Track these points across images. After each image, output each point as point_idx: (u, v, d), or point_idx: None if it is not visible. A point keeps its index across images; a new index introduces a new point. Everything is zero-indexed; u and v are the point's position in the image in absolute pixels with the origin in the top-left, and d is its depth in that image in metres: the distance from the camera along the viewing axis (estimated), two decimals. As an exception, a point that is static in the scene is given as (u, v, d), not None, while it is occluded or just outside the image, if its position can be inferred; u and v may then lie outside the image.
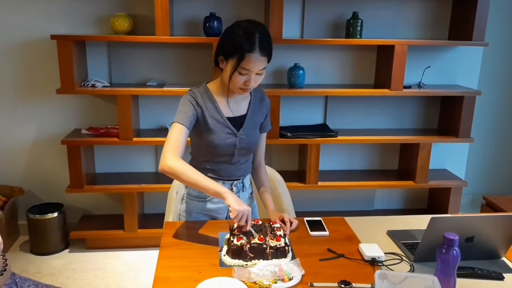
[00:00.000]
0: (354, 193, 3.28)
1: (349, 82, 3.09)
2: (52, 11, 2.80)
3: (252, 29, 1.57)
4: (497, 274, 1.40)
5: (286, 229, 1.61)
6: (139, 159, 3.11)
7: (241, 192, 1.81)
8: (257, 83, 1.63)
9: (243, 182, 1.82)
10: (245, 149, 1.75)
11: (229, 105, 1.72)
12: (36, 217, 2.91)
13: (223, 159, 1.73)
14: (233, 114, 1.72)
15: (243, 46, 1.54)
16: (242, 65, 1.56)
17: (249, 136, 1.74)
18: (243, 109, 1.75)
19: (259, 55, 1.56)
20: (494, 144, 3.56)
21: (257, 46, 1.54)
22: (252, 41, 1.54)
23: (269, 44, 1.60)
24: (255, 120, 1.76)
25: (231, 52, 1.57)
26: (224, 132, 1.69)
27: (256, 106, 1.77)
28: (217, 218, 1.80)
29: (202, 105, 1.68)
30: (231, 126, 1.70)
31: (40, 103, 2.96)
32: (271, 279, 1.33)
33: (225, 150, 1.70)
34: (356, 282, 1.34)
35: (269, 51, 1.60)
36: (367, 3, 2.94)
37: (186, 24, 2.89)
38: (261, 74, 1.62)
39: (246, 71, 1.58)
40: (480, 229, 1.43)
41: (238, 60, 1.55)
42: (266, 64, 1.61)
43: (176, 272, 1.40)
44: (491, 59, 3.30)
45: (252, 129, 1.75)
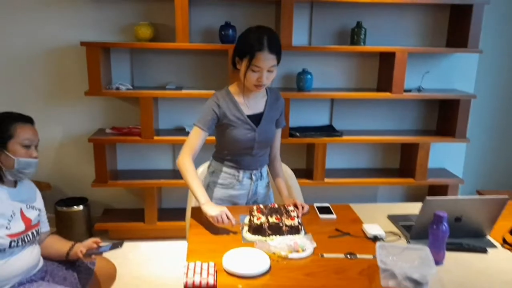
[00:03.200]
0: (358, 190, 3.50)
1: (353, 86, 3.32)
2: (80, 20, 3.04)
3: (261, 32, 1.81)
4: (482, 248, 1.62)
5: (299, 213, 1.83)
6: (158, 157, 3.34)
7: (259, 181, 2.04)
8: (269, 80, 1.85)
9: (261, 172, 2.05)
10: (263, 143, 1.98)
11: (248, 104, 1.95)
12: (63, 209, 3.14)
13: (244, 152, 1.96)
14: (252, 112, 1.95)
15: (253, 46, 1.78)
16: (254, 63, 1.79)
17: (266, 131, 1.96)
18: (260, 107, 1.98)
19: (268, 53, 1.78)
20: (490, 144, 3.76)
21: (266, 46, 1.78)
22: (261, 42, 1.78)
23: (277, 44, 1.83)
24: (271, 117, 1.99)
25: (244, 52, 1.81)
26: (244, 128, 1.92)
27: (272, 104, 2.00)
28: (238, 204, 2.04)
29: (224, 106, 1.92)
30: (250, 122, 1.93)
31: (67, 105, 3.19)
32: (287, 250, 1.55)
33: (246, 144, 1.93)
34: (360, 254, 1.57)
35: (277, 49, 1.82)
36: (370, 13, 3.17)
37: (203, 32, 3.13)
38: (272, 72, 1.83)
39: (258, 68, 1.80)
40: (468, 210, 1.65)
41: (250, 58, 1.79)
42: (276, 62, 1.83)
43: (205, 245, 1.62)
44: (486, 65, 3.52)
45: (269, 124, 1.98)
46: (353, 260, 1.54)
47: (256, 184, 2.04)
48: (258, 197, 2.09)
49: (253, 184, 2.03)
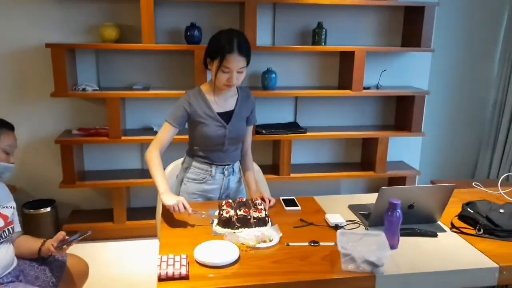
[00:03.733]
0: (323, 183, 3.64)
1: (316, 84, 3.45)
2: (45, 21, 3.03)
3: (232, 34, 1.91)
4: (432, 232, 1.77)
5: (266, 206, 1.93)
6: (126, 157, 3.37)
7: (231, 176, 2.13)
8: (239, 80, 1.95)
9: (233, 168, 2.14)
10: (234, 139, 2.07)
11: (219, 102, 2.04)
12: (30, 212, 3.12)
13: (215, 148, 2.05)
14: (222, 109, 2.04)
15: (224, 48, 1.87)
16: (224, 64, 1.88)
17: (237, 128, 2.06)
18: (231, 105, 2.07)
19: (238, 55, 1.88)
20: (443, 137, 4.00)
21: (236, 48, 1.87)
22: (231, 44, 1.87)
23: (247, 46, 1.92)
24: (242, 114, 2.09)
25: (215, 53, 1.90)
26: (215, 125, 2.01)
27: (242, 102, 2.09)
28: (211, 198, 2.12)
29: (195, 104, 2.00)
30: (221, 119, 2.02)
31: (32, 106, 3.17)
32: (255, 241, 1.65)
33: (217, 140, 2.02)
34: (323, 241, 1.68)
35: (246, 52, 1.91)
36: (330, 14, 3.31)
37: (169, 33, 3.18)
38: (242, 72, 1.93)
39: (227, 69, 1.89)
40: (419, 198, 1.79)
41: (220, 60, 1.88)
42: (245, 63, 1.92)
43: (177, 239, 1.70)
44: (439, 62, 3.74)
45: (239, 122, 2.08)
46: (316, 247, 1.65)
47: (228, 179, 2.12)
48: (230, 191, 2.17)
49: (225, 179, 2.11)
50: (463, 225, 1.85)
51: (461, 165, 4.14)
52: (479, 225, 1.80)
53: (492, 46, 3.88)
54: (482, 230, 1.78)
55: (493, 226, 1.77)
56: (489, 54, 3.90)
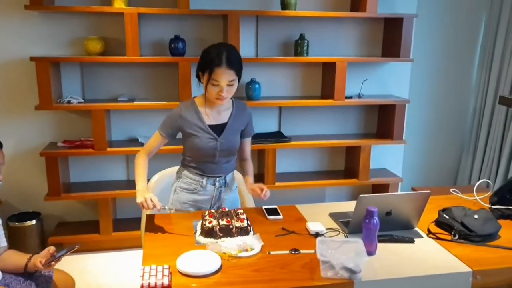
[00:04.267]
0: (307, 191, 3.69)
1: (299, 94, 3.52)
2: (30, 34, 3.04)
3: (220, 48, 1.93)
4: (409, 238, 1.82)
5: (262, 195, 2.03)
6: (112, 168, 3.38)
7: (223, 187, 2.16)
8: (230, 93, 1.98)
9: (225, 179, 2.15)
10: (226, 151, 2.09)
11: (211, 114, 2.07)
12: (16, 225, 3.12)
13: (206, 159, 2.09)
14: (214, 122, 2.07)
15: (213, 61, 1.91)
16: (213, 77, 1.92)
17: (229, 141, 2.08)
18: (224, 118, 2.09)
19: (226, 69, 1.90)
20: (424, 144, 4.09)
21: (224, 61, 1.90)
22: (220, 57, 1.90)
23: (236, 60, 1.94)
24: (235, 128, 2.11)
25: (205, 67, 1.95)
26: (206, 137, 2.04)
27: (237, 116, 2.12)
28: (203, 209, 2.14)
29: (187, 115, 2.05)
30: (212, 132, 2.05)
31: (17, 119, 3.18)
32: (237, 250, 1.69)
33: (208, 152, 2.06)
34: (303, 249, 1.72)
35: (236, 65, 1.93)
36: (312, 25, 3.38)
37: (154, 45, 3.22)
38: (232, 85, 1.96)
39: (217, 82, 1.93)
40: (396, 205, 1.85)
41: (209, 73, 1.92)
42: (235, 77, 1.94)
43: (160, 250, 1.73)
44: (419, 72, 3.83)
45: (232, 135, 2.10)
46: (297, 255, 1.69)
47: (219, 190, 2.15)
48: (222, 202, 2.18)
49: (216, 190, 2.14)
50: (439, 231, 1.91)
51: (443, 171, 4.23)
52: (454, 231, 1.85)
53: (470, 55, 4.00)
54: (457, 236, 1.84)
55: (468, 232, 1.83)
56: (467, 63, 4.01)
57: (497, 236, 1.87)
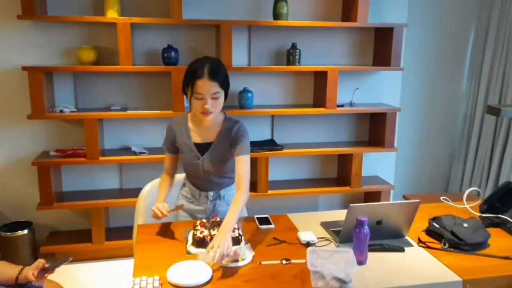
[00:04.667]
0: (300, 199, 3.70)
1: (291, 103, 3.54)
2: (22, 43, 3.05)
3: (203, 61, 1.89)
4: (400, 247, 1.84)
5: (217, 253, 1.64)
6: (104, 177, 3.38)
7: (217, 200, 2.13)
8: (216, 107, 1.91)
9: (219, 193, 2.12)
10: (211, 170, 2.05)
11: (199, 131, 2.04)
12: (7, 234, 3.10)
13: (194, 174, 2.09)
14: (201, 140, 2.03)
15: (195, 74, 1.88)
16: (196, 90, 1.86)
17: (213, 161, 2.02)
18: (212, 136, 2.04)
19: (208, 81, 1.84)
20: (417, 152, 4.12)
21: (206, 73, 1.84)
22: (202, 69, 1.85)
23: (219, 71, 1.88)
24: (220, 148, 2.02)
25: (187, 81, 1.91)
26: (190, 154, 2.04)
27: (224, 136, 2.03)
28: (198, 218, 2.13)
29: (177, 130, 2.06)
30: (196, 150, 2.03)
31: (9, 128, 3.17)
32: (228, 260, 1.69)
33: (194, 169, 2.06)
34: (294, 259, 1.73)
35: (219, 77, 1.87)
36: (304, 35, 3.41)
37: (146, 54, 3.24)
38: (217, 99, 1.89)
39: (200, 95, 1.87)
40: (387, 214, 1.86)
41: (192, 86, 1.89)
42: (219, 89, 1.88)
43: (151, 260, 1.73)
44: (409, 80, 3.88)
45: (216, 155, 2.02)
46: (288, 265, 1.70)
47: (213, 203, 2.12)
48: (217, 214, 2.13)
49: (210, 203, 2.12)
50: (430, 240, 1.93)
51: (435, 178, 4.26)
52: (444, 240, 1.87)
53: (460, 64, 4.05)
54: (447, 244, 1.86)
55: (458, 240, 1.85)
56: (457, 71, 4.06)
57: (486, 244, 1.89)
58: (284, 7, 3.16)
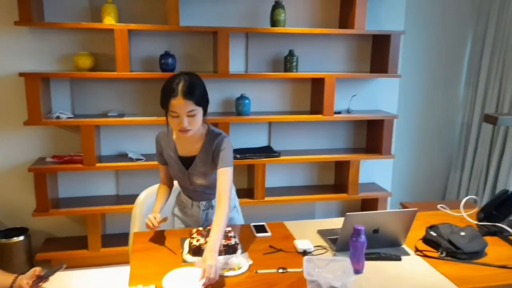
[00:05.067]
0: (297, 206, 3.70)
1: (288, 109, 3.54)
2: (19, 49, 3.05)
3: (177, 79, 1.82)
4: (397, 256, 1.83)
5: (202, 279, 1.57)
6: (101, 183, 3.37)
7: (210, 210, 2.13)
8: (193, 124, 1.85)
9: (211, 203, 2.12)
10: (198, 182, 2.04)
11: (184, 145, 2.03)
12: (2, 241, 3.08)
13: (185, 186, 2.10)
14: (187, 153, 2.02)
15: (168, 92, 1.81)
16: (170, 109, 1.81)
17: (198, 174, 2.02)
18: (195, 150, 2.02)
19: (182, 99, 1.78)
20: (414, 159, 4.13)
21: (179, 92, 1.78)
22: (176, 88, 1.79)
23: (193, 89, 1.81)
24: (203, 161, 2.00)
25: (162, 99, 1.87)
26: (176, 168, 2.05)
27: (206, 149, 1.99)
28: (191, 225, 2.14)
29: (163, 144, 2.06)
30: (181, 164, 2.02)
31: (5, 134, 3.16)
32: (224, 269, 1.68)
33: (181, 181, 2.08)
34: (291, 268, 1.72)
35: (194, 95, 1.80)
36: (301, 42, 3.42)
37: (144, 61, 3.24)
38: (193, 116, 1.83)
39: (175, 114, 1.81)
40: (383, 222, 1.85)
41: (167, 105, 1.84)
42: (195, 107, 1.81)
43: (147, 269, 1.71)
44: (407, 87, 3.89)
45: (201, 168, 2.00)
46: (284, 274, 1.69)
47: (205, 213, 2.13)
48: (210, 223, 2.11)
49: (202, 213, 2.12)
50: (427, 248, 1.92)
51: (432, 186, 4.26)
52: (441, 248, 1.87)
53: (458, 71, 4.06)
54: (444, 253, 1.85)
55: (455, 249, 1.84)
56: (454, 78, 4.07)
57: (483, 253, 1.88)
58: (282, 14, 3.17)
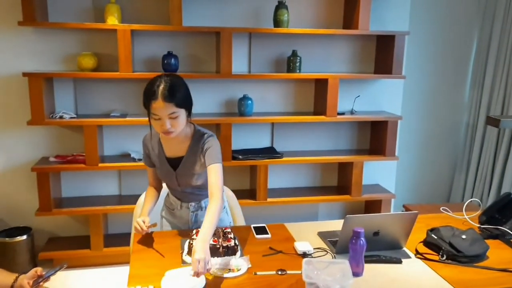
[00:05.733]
0: (300, 208, 3.68)
1: (291, 110, 3.53)
2: (23, 49, 3.06)
3: (157, 81, 1.81)
4: (397, 259, 1.81)
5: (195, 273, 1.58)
6: (104, 183, 3.37)
7: (199, 211, 2.12)
8: (176, 126, 1.84)
9: (200, 204, 2.11)
10: (186, 183, 2.04)
11: (171, 146, 2.03)
12: (6, 240, 3.09)
13: (173, 187, 2.09)
14: (173, 154, 2.02)
15: (149, 95, 1.80)
16: (152, 111, 1.81)
17: (186, 174, 2.01)
18: (182, 151, 2.02)
19: (162, 102, 1.77)
20: (418, 161, 4.10)
21: (159, 95, 1.77)
22: (155, 91, 1.78)
23: (174, 91, 1.79)
24: (191, 161, 2.00)
25: (144, 102, 1.86)
26: (164, 169, 2.04)
27: (193, 148, 1.99)
28: (180, 228, 2.14)
29: (149, 146, 2.07)
30: (169, 165, 2.02)
31: (8, 134, 3.18)
32: (223, 270, 1.68)
33: (169, 183, 2.06)
34: (290, 270, 1.72)
35: (174, 98, 1.78)
36: (304, 42, 3.41)
37: (146, 61, 3.24)
38: (175, 118, 1.82)
39: (157, 116, 1.81)
40: (384, 225, 1.84)
41: (148, 107, 1.84)
42: (176, 109, 1.80)
43: (147, 270, 1.71)
44: (411, 88, 3.86)
45: (189, 168, 2.00)
46: (283, 276, 1.68)
47: (194, 214, 2.12)
48: (199, 225, 2.05)
49: (191, 214, 2.12)
50: (428, 251, 1.91)
51: (436, 188, 4.23)
52: (442, 251, 1.85)
53: (463, 72, 4.03)
54: (445, 256, 1.83)
55: (456, 252, 1.83)
56: (459, 79, 4.04)
57: (485, 257, 1.86)
58: (285, 14, 3.16)
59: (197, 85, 3.28)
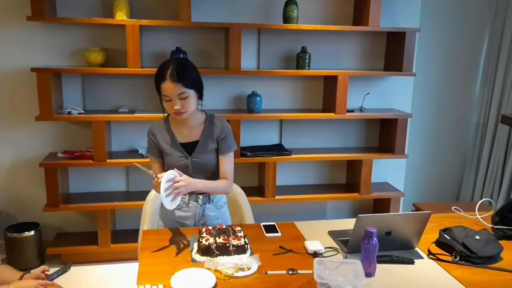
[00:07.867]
0: (308, 205, 3.66)
1: (300, 107, 3.50)
2: (31, 45, 3.05)
3: (165, 63, 1.91)
4: (409, 259, 1.79)
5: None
6: (111, 179, 3.37)
7: (207, 204, 2.12)
8: (187, 106, 1.92)
9: (209, 196, 2.11)
10: (200, 170, 2.04)
11: (184, 132, 2.05)
12: (14, 235, 3.10)
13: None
14: (186, 140, 2.04)
15: (158, 77, 1.90)
16: (162, 93, 1.90)
17: (201, 159, 2.03)
18: (196, 135, 2.05)
19: (171, 83, 1.86)
20: (426, 159, 4.06)
21: (168, 75, 1.86)
22: (164, 72, 1.87)
23: (183, 72, 1.88)
24: (207, 145, 2.05)
25: (155, 85, 1.93)
26: (177, 155, 2.03)
27: (209, 132, 2.06)
28: (186, 225, 2.12)
29: (158, 134, 2.05)
30: (183, 150, 2.03)
31: (17, 129, 3.18)
32: (233, 269, 1.66)
33: (182, 170, 2.00)
34: (301, 269, 1.69)
35: (182, 78, 1.86)
36: (314, 39, 3.37)
37: (155, 57, 3.22)
38: (185, 99, 1.90)
39: (167, 97, 1.89)
40: (396, 225, 1.82)
41: (159, 89, 1.92)
42: (185, 89, 1.88)
43: (156, 267, 1.70)
44: (421, 86, 3.82)
45: (204, 153, 2.04)
46: (294, 276, 1.66)
47: (203, 207, 2.11)
48: (207, 219, 2.13)
49: (199, 207, 2.11)
50: (440, 252, 1.88)
51: (446, 186, 4.19)
52: (455, 252, 1.82)
53: (474, 70, 3.98)
54: (458, 257, 1.80)
55: (469, 253, 1.80)
56: (470, 77, 3.99)
57: (499, 258, 1.83)
58: (295, 10, 3.12)
59: (206, 81, 3.18)
